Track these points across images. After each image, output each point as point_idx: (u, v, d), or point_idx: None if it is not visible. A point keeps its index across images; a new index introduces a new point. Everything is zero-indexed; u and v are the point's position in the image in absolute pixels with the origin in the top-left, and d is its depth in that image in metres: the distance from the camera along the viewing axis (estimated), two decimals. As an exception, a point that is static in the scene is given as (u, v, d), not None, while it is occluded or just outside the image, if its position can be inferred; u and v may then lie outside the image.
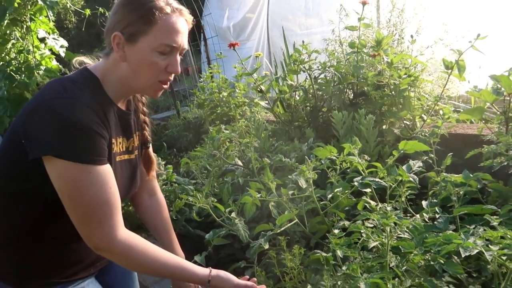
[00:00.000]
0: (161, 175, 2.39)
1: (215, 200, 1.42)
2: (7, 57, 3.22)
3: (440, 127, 1.95)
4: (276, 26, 4.65)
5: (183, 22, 1.05)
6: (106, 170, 0.97)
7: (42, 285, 1.05)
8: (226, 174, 2.26)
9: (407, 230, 1.03)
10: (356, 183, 1.32)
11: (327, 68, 2.35)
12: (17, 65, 3.07)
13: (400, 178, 1.40)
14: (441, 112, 2.16)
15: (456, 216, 1.41)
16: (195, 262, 1.44)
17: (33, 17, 2.94)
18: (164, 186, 2.35)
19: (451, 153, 1.80)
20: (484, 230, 1.12)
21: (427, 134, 2.07)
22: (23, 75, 2.93)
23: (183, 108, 4.93)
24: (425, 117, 2.19)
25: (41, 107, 0.93)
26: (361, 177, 1.35)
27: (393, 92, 2.19)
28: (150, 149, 1.29)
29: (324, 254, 1.09)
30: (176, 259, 1.08)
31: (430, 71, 2.62)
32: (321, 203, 1.42)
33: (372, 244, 0.96)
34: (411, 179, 1.31)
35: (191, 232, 2.06)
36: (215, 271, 1.09)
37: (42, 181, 0.94)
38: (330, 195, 1.38)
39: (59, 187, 0.93)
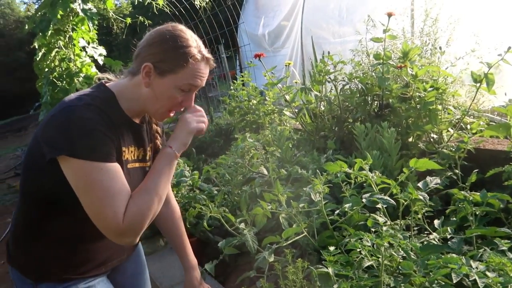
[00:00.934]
0: (185, 180, 2.47)
1: (226, 210, 1.46)
2: (52, 64, 3.44)
3: (467, 142, 1.89)
4: (309, 34, 4.66)
5: (207, 69, 1.16)
6: (116, 166, 1.05)
7: (56, 279, 1.14)
8: (249, 182, 2.30)
9: (408, 251, 1.01)
10: (364, 200, 1.32)
11: (352, 79, 2.34)
12: (59, 72, 3.27)
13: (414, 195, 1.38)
14: (468, 126, 2.09)
15: (473, 237, 1.37)
16: (206, 270, 1.49)
17: (75, 27, 3.12)
18: (189, 192, 2.42)
19: (477, 170, 1.74)
20: (496, 254, 1.09)
21: (453, 149, 2.01)
22: (64, 82, 3.12)
23: (217, 114, 5.03)
24: (451, 131, 2.13)
25: (57, 114, 1.03)
26: (370, 193, 1.34)
27: (418, 105, 2.15)
28: None
29: (326, 269, 1.10)
30: (152, 174, 1.12)
31: (463, 83, 2.54)
32: (334, 217, 1.42)
33: (367, 263, 0.96)
34: (420, 197, 1.29)
35: (211, 238, 2.11)
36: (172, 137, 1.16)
37: (57, 182, 1.03)
38: (338, 210, 1.38)
39: (75, 184, 1.01)
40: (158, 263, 1.96)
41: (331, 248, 1.01)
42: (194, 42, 1.13)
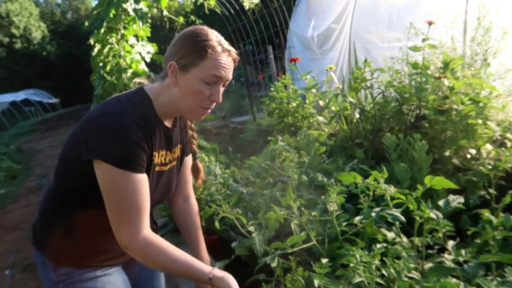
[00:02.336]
0: (216, 178, 2.53)
1: (240, 212, 1.49)
2: (106, 60, 3.66)
3: (505, 161, 1.79)
4: (358, 38, 4.57)
5: (229, 61, 1.19)
6: (141, 178, 1.13)
7: (76, 265, 1.23)
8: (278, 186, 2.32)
9: (400, 270, 0.99)
10: (373, 214, 1.29)
11: (387, 88, 2.27)
12: (111, 67, 3.48)
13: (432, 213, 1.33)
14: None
15: (491, 263, 1.30)
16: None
17: (126, 25, 3.31)
18: (219, 190, 2.47)
19: (513, 191, 1.65)
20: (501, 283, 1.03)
21: (489, 167, 1.91)
22: (113, 77, 3.31)
23: (260, 113, 5.07)
24: (490, 147, 2.01)
25: (97, 118, 1.12)
26: (380, 208, 1.31)
27: (457, 118, 2.05)
28: (198, 161, 1.46)
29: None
30: (186, 257, 1.16)
31: (512, 96, 2.38)
32: (344, 227, 1.41)
33: (358, 279, 0.95)
34: (433, 216, 1.24)
35: (232, 237, 2.15)
36: (220, 272, 1.15)
37: (88, 179, 1.12)
38: (345, 222, 1.36)
39: (102, 186, 1.11)
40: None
41: (324, 260, 1.01)
42: (214, 37, 1.17)
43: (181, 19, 4.60)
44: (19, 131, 16.81)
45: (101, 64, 3.58)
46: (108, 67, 3.44)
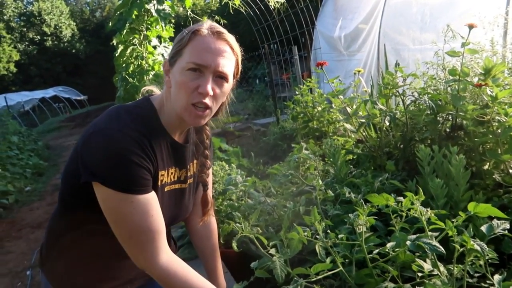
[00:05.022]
0: (236, 187, 2.42)
1: (260, 230, 1.38)
2: (128, 61, 3.62)
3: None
4: (388, 39, 4.38)
5: (220, 44, 1.03)
6: (148, 198, 1.01)
7: None
8: (301, 195, 2.20)
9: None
10: (408, 242, 1.16)
11: (421, 95, 2.12)
12: (134, 68, 3.43)
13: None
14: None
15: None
16: (234, 290, 1.43)
17: (149, 26, 3.25)
18: (238, 200, 2.37)
19: None
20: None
21: (536, 185, 1.74)
22: (135, 79, 3.26)
23: (284, 116, 4.95)
24: (536, 164, 1.84)
25: (94, 135, 1.00)
26: (416, 235, 1.18)
27: (498, 130, 1.88)
28: (209, 192, 1.31)
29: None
30: (205, 285, 1.09)
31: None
32: (373, 255, 1.28)
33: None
34: (477, 248, 1.10)
35: (253, 251, 2.05)
36: None
37: (91, 201, 1.01)
38: (376, 250, 1.23)
39: (105, 212, 1.00)
40: (197, 269, 1.94)
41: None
42: (203, 24, 1.05)
43: (205, 19, 4.53)
44: (48, 128, 17.25)
45: (123, 65, 3.55)
46: (130, 69, 3.40)
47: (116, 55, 3.64)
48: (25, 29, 36.90)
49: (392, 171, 2.10)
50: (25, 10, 37.31)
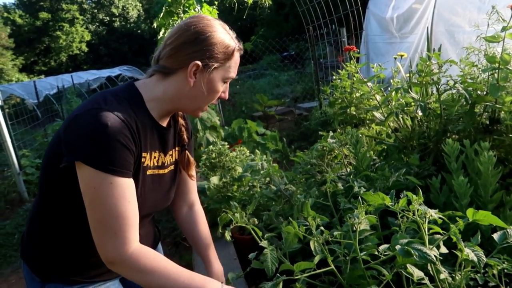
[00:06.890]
0: (258, 173, 2.39)
1: (256, 221, 1.36)
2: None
3: None
4: (442, 20, 4.06)
5: None
6: (127, 184, 1.01)
7: (64, 281, 1.14)
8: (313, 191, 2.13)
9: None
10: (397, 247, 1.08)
11: (455, 84, 1.94)
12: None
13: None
14: None
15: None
16: (227, 281, 1.42)
17: (186, 9, 3.26)
18: (262, 188, 2.33)
19: None
20: None
21: None
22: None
23: (327, 100, 4.80)
24: None
25: (79, 117, 1.00)
26: (407, 240, 1.09)
27: (541, 125, 1.68)
28: (188, 152, 1.30)
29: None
30: (187, 274, 1.05)
31: None
32: (364, 257, 1.21)
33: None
34: (473, 259, 0.99)
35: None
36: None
37: (73, 185, 1.01)
38: (364, 253, 1.16)
39: (83, 193, 1.00)
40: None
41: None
42: (231, 33, 1.16)
43: (250, 0, 4.47)
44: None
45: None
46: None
47: (159, 37, 3.71)
48: (95, 10, 38.96)
49: (418, 165, 1.96)
50: (96, -8, 39.34)
